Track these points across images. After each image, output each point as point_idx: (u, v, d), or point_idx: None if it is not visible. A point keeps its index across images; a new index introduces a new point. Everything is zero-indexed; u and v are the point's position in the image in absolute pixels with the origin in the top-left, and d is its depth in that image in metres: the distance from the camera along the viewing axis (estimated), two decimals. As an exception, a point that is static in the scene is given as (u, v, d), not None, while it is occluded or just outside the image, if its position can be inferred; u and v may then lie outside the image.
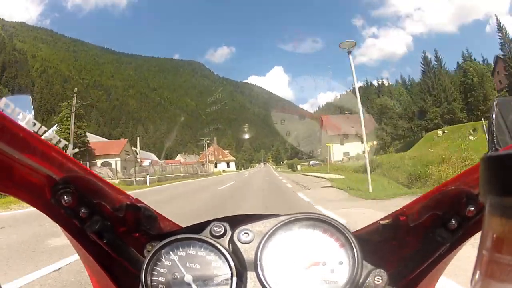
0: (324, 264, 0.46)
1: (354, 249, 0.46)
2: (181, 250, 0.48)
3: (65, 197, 0.42)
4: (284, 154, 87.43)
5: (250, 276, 0.47)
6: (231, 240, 0.49)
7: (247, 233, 0.49)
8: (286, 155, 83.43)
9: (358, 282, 0.45)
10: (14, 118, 0.38)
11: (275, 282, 0.46)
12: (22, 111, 0.42)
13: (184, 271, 0.47)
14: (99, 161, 32.89)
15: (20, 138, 0.34)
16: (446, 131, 43.55)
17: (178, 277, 0.47)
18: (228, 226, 0.50)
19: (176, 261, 0.47)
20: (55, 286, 2.74)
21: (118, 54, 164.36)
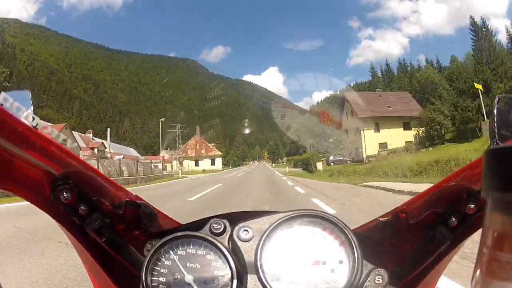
0: (324, 263, 0.46)
1: (354, 247, 0.45)
2: (181, 248, 0.48)
3: (64, 193, 0.41)
4: (283, 149, 76.30)
5: (250, 276, 0.46)
6: (231, 237, 0.49)
7: (247, 230, 0.48)
8: (285, 151, 72.84)
9: (358, 282, 0.44)
10: (13, 112, 0.37)
11: (275, 282, 0.45)
12: (21, 106, 0.42)
13: (184, 271, 0.46)
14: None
15: (19, 133, 0.33)
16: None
17: (179, 277, 0.46)
18: (227, 223, 0.50)
19: (176, 260, 0.47)
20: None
21: (111, 50, 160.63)
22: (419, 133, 33.93)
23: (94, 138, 47.32)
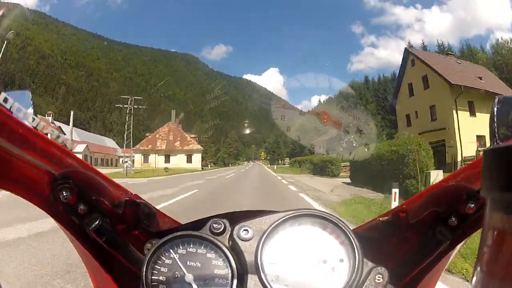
0: (324, 262, 0.46)
1: (355, 246, 0.45)
2: (181, 248, 0.47)
3: (64, 193, 0.41)
4: (284, 149, 63.99)
5: (251, 275, 0.46)
6: (231, 237, 0.48)
7: (247, 230, 0.48)
8: (286, 151, 60.96)
9: (359, 281, 0.44)
10: (13, 113, 0.37)
11: (276, 281, 0.45)
12: (21, 106, 0.42)
13: (184, 270, 0.46)
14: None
15: (19, 133, 0.33)
16: None
17: (179, 276, 0.46)
18: (227, 223, 0.49)
19: (176, 259, 0.47)
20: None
21: (111, 41, 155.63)
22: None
23: (54, 121, 41.91)
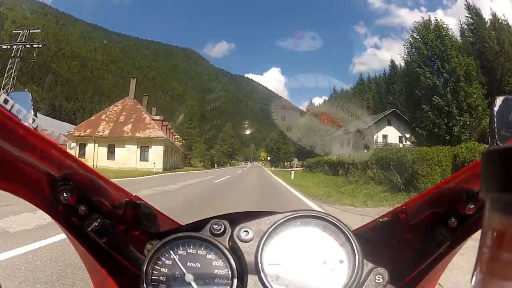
0: (324, 263, 0.46)
1: (354, 247, 0.45)
2: (181, 249, 0.48)
3: (64, 194, 0.41)
4: (291, 147, 51.76)
5: (251, 276, 0.46)
6: (231, 238, 0.48)
7: (247, 231, 0.48)
8: (293, 150, 50.70)
9: (359, 281, 0.44)
10: (13, 114, 0.37)
11: (276, 282, 0.45)
12: (21, 107, 0.42)
13: (184, 271, 0.46)
14: None
15: (19, 134, 0.33)
16: None
17: (179, 276, 0.46)
18: (227, 224, 0.50)
19: (176, 260, 0.47)
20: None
21: (110, 32, 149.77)
22: None
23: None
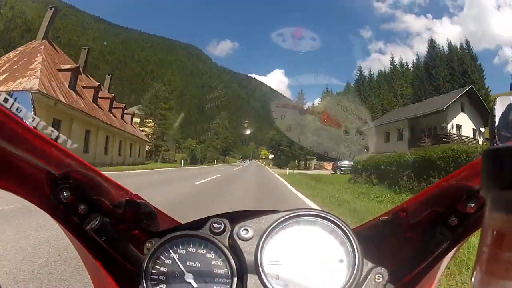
0: (324, 262, 0.46)
1: (354, 246, 0.45)
2: (181, 247, 0.48)
3: (64, 193, 0.41)
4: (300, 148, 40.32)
5: (250, 275, 0.46)
6: (231, 237, 0.49)
7: (247, 229, 0.48)
8: (303, 152, 41.08)
9: (358, 281, 0.44)
10: (13, 113, 0.37)
11: (275, 281, 0.45)
12: (21, 106, 0.42)
13: (184, 270, 0.46)
14: None
15: (19, 133, 0.33)
16: None
17: (179, 275, 0.46)
18: (227, 223, 0.50)
19: (176, 259, 0.47)
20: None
21: (112, 24, 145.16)
22: None
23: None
